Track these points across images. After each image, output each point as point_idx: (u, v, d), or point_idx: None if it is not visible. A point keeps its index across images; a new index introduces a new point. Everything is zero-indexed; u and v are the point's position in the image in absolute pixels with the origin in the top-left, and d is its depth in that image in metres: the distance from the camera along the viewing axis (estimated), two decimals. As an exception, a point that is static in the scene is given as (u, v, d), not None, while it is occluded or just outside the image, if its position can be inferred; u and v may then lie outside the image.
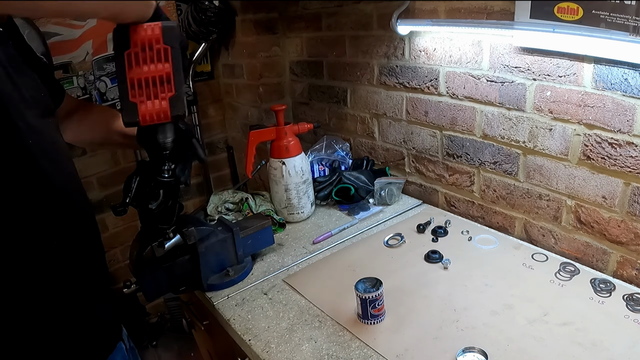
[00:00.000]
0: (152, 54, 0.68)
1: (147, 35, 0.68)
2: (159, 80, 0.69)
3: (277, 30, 1.92)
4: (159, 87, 0.69)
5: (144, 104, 0.69)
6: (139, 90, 0.69)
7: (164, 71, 0.69)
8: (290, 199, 1.41)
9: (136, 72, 0.68)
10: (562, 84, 1.05)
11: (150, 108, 0.70)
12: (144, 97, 0.69)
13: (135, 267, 1.00)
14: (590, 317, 0.91)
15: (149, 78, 0.69)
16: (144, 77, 0.69)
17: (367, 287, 0.95)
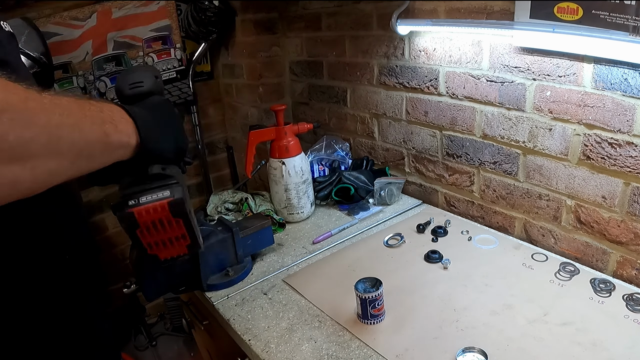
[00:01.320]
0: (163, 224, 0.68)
1: (156, 216, 0.67)
2: (174, 239, 0.71)
3: (277, 30, 1.92)
4: (175, 241, 0.71)
5: (162, 252, 0.72)
6: (156, 246, 0.70)
7: (178, 233, 0.70)
8: (290, 199, 1.41)
9: (150, 238, 0.69)
10: (562, 84, 1.05)
11: (171, 252, 0.72)
12: (160, 247, 0.71)
13: (135, 267, 1.00)
14: (590, 317, 0.91)
15: (165, 239, 0.70)
16: (160, 239, 0.70)
17: (367, 287, 0.95)
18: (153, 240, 0.69)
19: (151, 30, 1.93)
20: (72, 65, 1.79)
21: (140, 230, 0.67)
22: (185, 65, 2.06)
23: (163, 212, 0.66)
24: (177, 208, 0.67)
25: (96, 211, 2.07)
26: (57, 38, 1.70)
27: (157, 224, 0.67)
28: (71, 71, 1.80)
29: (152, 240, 0.69)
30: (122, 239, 2.16)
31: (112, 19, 1.82)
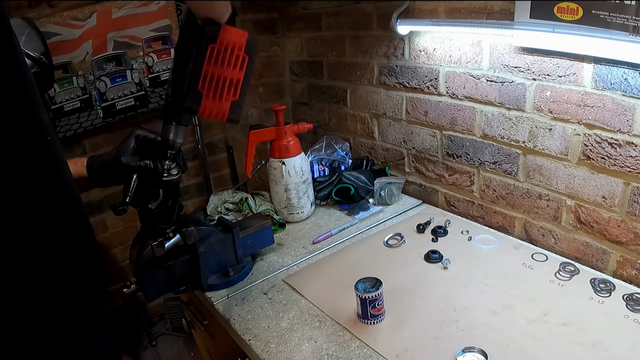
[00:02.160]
0: (231, 58, 0.73)
1: (235, 39, 0.73)
2: (228, 83, 0.74)
3: (277, 30, 1.92)
4: (227, 88, 0.74)
5: (208, 98, 0.74)
6: (209, 83, 0.73)
7: (235, 76, 0.74)
8: (290, 198, 1.41)
9: (213, 68, 0.73)
10: (562, 83, 1.05)
11: (212, 104, 0.74)
12: (211, 91, 0.74)
13: (135, 267, 1.00)
14: (590, 317, 0.91)
15: (221, 77, 0.73)
16: (217, 75, 0.73)
17: (367, 287, 0.95)
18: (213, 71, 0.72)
19: (151, 30, 1.92)
20: (72, 65, 1.79)
21: (213, 48, 0.71)
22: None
23: (241, 39, 0.73)
24: (251, 44, 0.76)
25: (96, 211, 2.07)
26: (57, 38, 1.70)
27: (228, 50, 0.73)
28: (71, 71, 1.79)
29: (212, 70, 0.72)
30: (122, 239, 2.16)
31: (112, 19, 1.82)
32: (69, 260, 0.66)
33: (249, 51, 0.75)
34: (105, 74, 1.87)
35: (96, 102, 1.87)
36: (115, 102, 1.92)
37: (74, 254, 0.67)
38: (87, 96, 1.86)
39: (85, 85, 1.84)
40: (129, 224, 2.16)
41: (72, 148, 1.85)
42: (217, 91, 0.74)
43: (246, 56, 0.75)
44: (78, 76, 1.82)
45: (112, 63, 1.87)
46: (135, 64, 1.91)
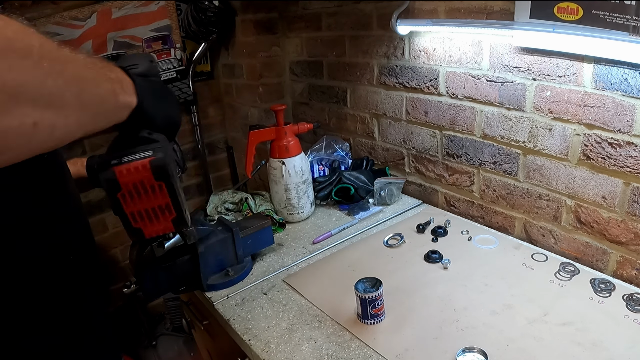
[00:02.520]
0: (145, 189, 0.67)
1: (137, 176, 0.66)
2: (158, 208, 0.70)
3: (277, 30, 1.92)
4: (159, 212, 0.70)
5: (147, 227, 0.71)
6: (139, 217, 0.70)
7: (162, 201, 0.69)
8: (290, 199, 1.41)
9: (133, 206, 0.68)
10: (562, 84, 1.05)
11: (156, 228, 0.71)
12: (145, 221, 0.70)
13: (135, 267, 1.00)
14: (590, 317, 0.91)
15: (148, 208, 0.69)
16: (143, 208, 0.69)
17: (367, 287, 0.95)
18: (136, 209, 0.68)
19: (151, 30, 1.93)
20: (72, 65, 1.79)
21: (122, 195, 0.66)
22: (185, 65, 2.06)
23: (145, 172, 0.65)
24: (159, 169, 0.66)
25: (96, 211, 2.07)
26: (57, 38, 1.70)
27: (139, 187, 0.66)
28: (71, 71, 1.80)
29: (135, 209, 0.68)
30: (122, 239, 2.16)
31: (112, 19, 1.83)
32: (67, 260, 0.66)
33: (160, 177, 0.67)
34: (105, 74, 1.87)
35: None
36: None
37: (73, 254, 0.67)
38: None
39: (85, 86, 1.84)
40: (129, 224, 2.16)
41: (72, 148, 1.85)
42: (153, 217, 0.70)
43: (161, 182, 0.67)
44: (78, 76, 1.82)
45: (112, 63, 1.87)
46: (135, 64, 1.91)
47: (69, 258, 0.66)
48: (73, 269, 0.67)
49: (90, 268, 0.73)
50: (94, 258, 0.74)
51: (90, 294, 0.72)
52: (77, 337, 0.69)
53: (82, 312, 0.70)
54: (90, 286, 0.72)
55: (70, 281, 0.67)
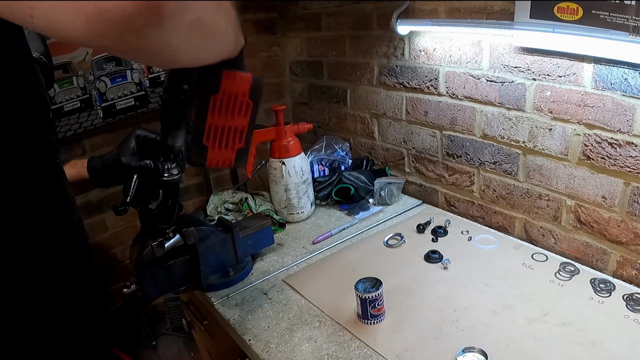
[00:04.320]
0: (235, 106, 0.69)
1: (238, 86, 0.68)
2: (233, 131, 0.71)
3: (277, 30, 1.92)
4: (232, 137, 0.71)
5: (214, 150, 0.71)
6: (214, 135, 0.70)
7: (240, 124, 0.71)
8: (290, 199, 1.41)
9: (216, 119, 0.69)
10: (562, 84, 1.05)
11: (218, 155, 0.72)
12: (216, 142, 0.71)
13: (135, 267, 1.00)
14: (590, 317, 0.91)
15: (226, 128, 0.71)
16: (222, 125, 0.70)
17: (367, 287, 0.95)
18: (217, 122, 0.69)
19: (151, 30, 1.93)
20: (72, 65, 1.79)
21: (215, 99, 0.68)
22: (185, 65, 2.05)
23: (245, 84, 0.68)
24: (256, 88, 0.70)
25: (96, 211, 2.07)
26: (57, 38, 1.70)
27: (232, 99, 0.69)
28: (71, 71, 1.79)
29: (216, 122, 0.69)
30: (122, 239, 2.16)
31: (112, 19, 1.82)
32: (62, 260, 0.66)
33: (253, 96, 0.70)
34: (105, 74, 1.87)
35: (96, 102, 1.87)
36: (115, 102, 1.92)
37: (68, 255, 0.67)
38: (87, 96, 1.86)
39: (85, 85, 1.84)
40: (129, 224, 2.16)
41: (72, 148, 1.85)
42: (223, 142, 0.71)
43: (250, 102, 0.70)
44: (78, 76, 1.82)
45: (112, 63, 1.87)
46: (136, 64, 1.91)
47: (60, 257, 0.66)
48: (65, 269, 0.67)
49: (87, 272, 0.73)
50: (88, 259, 0.74)
51: (84, 293, 0.72)
52: (73, 336, 0.69)
53: (77, 314, 0.70)
54: (84, 286, 0.72)
55: (62, 280, 0.67)
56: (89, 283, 0.74)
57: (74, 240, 0.70)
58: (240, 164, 0.74)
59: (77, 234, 0.72)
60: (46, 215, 0.63)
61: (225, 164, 0.73)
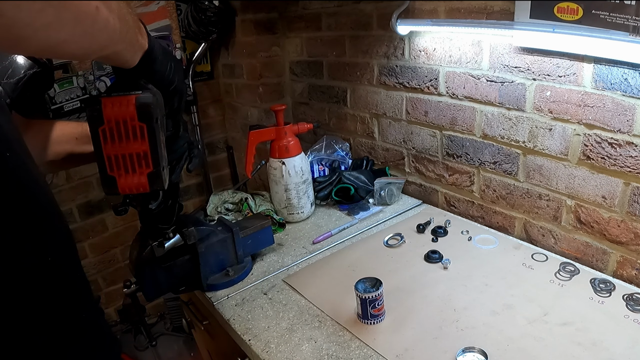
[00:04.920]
0: (127, 130, 0.66)
1: (121, 112, 0.65)
2: (135, 157, 0.68)
3: (277, 30, 1.92)
4: (136, 162, 0.68)
5: (122, 177, 0.69)
6: (116, 163, 0.68)
7: (140, 149, 0.67)
8: (290, 199, 1.41)
9: (112, 148, 0.67)
10: (562, 84, 1.05)
11: (129, 182, 0.69)
12: (121, 170, 0.68)
13: (135, 267, 1.00)
14: (590, 317, 0.91)
15: (126, 154, 0.67)
16: (121, 153, 0.67)
17: (367, 287, 0.95)
18: (114, 152, 0.66)
19: (151, 30, 1.91)
20: (72, 65, 1.79)
21: (104, 130, 0.65)
22: (185, 65, 2.06)
23: (129, 108, 0.65)
24: (143, 107, 0.65)
25: (96, 211, 2.07)
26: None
27: (121, 126, 0.65)
28: (71, 71, 1.80)
29: (112, 151, 0.66)
30: (122, 239, 2.16)
31: (112, 19, 1.82)
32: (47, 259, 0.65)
33: (142, 118, 0.65)
34: (105, 74, 1.87)
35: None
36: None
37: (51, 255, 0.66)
38: (87, 96, 1.86)
39: (85, 85, 1.84)
40: (129, 224, 2.17)
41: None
42: (129, 168, 0.68)
43: (143, 124, 0.65)
44: (78, 76, 1.82)
45: (112, 63, 1.87)
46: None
47: (47, 259, 0.65)
48: (52, 271, 0.66)
49: (70, 268, 0.72)
50: (72, 256, 0.73)
51: (71, 294, 0.71)
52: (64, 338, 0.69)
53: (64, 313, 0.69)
54: (71, 287, 0.71)
55: (52, 285, 0.66)
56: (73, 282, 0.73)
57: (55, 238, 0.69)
58: (156, 186, 0.71)
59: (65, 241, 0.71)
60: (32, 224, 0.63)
61: (140, 190, 0.70)
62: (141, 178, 0.69)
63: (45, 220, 0.67)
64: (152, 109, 0.66)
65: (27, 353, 0.63)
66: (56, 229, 0.70)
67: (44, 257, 0.65)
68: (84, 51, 0.55)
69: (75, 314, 0.71)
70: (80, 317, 0.71)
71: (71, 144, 0.93)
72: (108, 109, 0.64)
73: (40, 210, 0.66)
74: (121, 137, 0.66)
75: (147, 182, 0.70)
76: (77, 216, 2.02)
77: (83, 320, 0.72)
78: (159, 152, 0.69)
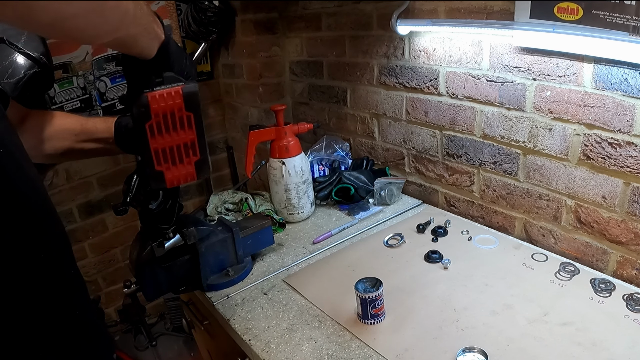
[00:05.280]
0: (174, 122, 0.66)
1: (169, 104, 0.65)
2: (183, 147, 0.68)
3: (277, 30, 1.92)
4: (184, 152, 0.69)
5: (170, 170, 0.69)
6: (163, 157, 0.68)
7: (187, 138, 0.68)
8: (290, 199, 1.41)
9: (159, 142, 0.67)
10: (562, 83, 1.05)
11: (177, 173, 0.70)
12: (169, 163, 0.68)
13: (135, 267, 1.00)
14: (590, 317, 0.91)
15: (174, 146, 0.68)
16: (168, 146, 0.67)
17: (367, 287, 0.95)
18: (162, 145, 0.66)
19: (151, 30, 1.92)
20: (72, 65, 1.79)
21: (151, 125, 0.65)
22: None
23: (177, 99, 0.65)
24: (191, 96, 0.66)
25: (96, 211, 2.07)
26: (57, 38, 1.70)
27: (168, 118, 0.65)
28: (71, 71, 1.80)
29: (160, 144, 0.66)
30: (122, 239, 2.16)
31: (112, 18, 1.82)
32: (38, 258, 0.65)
33: (190, 107, 0.66)
34: (105, 74, 1.87)
35: (96, 102, 1.88)
36: (115, 102, 1.92)
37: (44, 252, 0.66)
38: (87, 96, 1.86)
39: (85, 85, 1.84)
40: (129, 224, 2.17)
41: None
42: (176, 160, 0.69)
43: (190, 114, 0.66)
44: (78, 76, 1.82)
45: (112, 63, 1.87)
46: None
47: (39, 257, 0.65)
48: (45, 268, 0.66)
49: (64, 266, 0.71)
50: (68, 256, 0.73)
51: (64, 293, 0.71)
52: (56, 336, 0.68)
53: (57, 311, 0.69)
54: (64, 286, 0.71)
55: (46, 282, 0.66)
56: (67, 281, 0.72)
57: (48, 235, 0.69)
58: (203, 174, 0.72)
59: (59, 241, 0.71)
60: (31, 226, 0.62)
61: (188, 180, 0.71)
62: (189, 168, 0.70)
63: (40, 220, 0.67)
64: (198, 96, 0.67)
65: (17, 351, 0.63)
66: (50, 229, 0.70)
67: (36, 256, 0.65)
68: (96, 30, 0.55)
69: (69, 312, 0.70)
70: (74, 315, 0.71)
71: (70, 140, 0.93)
72: (156, 102, 0.64)
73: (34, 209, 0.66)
74: (169, 129, 0.66)
75: (195, 171, 0.71)
76: (77, 216, 2.02)
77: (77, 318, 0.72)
78: (204, 138, 0.69)
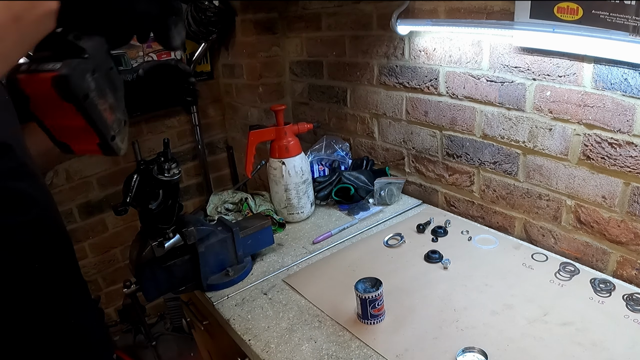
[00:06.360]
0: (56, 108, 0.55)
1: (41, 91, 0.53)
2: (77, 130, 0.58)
3: (277, 30, 1.92)
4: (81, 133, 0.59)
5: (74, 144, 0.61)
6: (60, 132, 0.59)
7: (77, 124, 0.57)
8: (290, 199, 1.41)
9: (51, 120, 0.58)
10: (562, 84, 1.05)
11: (83, 147, 0.62)
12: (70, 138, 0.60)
13: (135, 267, 1.00)
14: (590, 317, 0.91)
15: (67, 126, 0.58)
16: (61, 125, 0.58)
17: (367, 287, 0.95)
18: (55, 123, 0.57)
19: (151, 30, 1.92)
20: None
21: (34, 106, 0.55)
22: (185, 66, 2.05)
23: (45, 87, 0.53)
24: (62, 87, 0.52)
25: (96, 211, 2.07)
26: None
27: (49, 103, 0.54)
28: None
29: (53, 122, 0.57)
30: (122, 239, 2.16)
31: (112, 19, 1.82)
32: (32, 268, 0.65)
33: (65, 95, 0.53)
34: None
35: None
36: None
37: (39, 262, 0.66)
38: None
39: None
40: (129, 224, 2.17)
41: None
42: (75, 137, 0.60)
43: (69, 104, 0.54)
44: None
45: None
46: (135, 64, 1.91)
47: (34, 266, 0.64)
48: (40, 278, 0.65)
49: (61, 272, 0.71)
50: (65, 262, 0.72)
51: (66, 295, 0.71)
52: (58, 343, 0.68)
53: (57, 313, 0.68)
54: (63, 292, 0.70)
55: (40, 291, 0.65)
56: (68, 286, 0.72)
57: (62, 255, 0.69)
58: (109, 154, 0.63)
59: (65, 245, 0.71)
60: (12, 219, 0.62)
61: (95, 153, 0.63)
62: (92, 146, 0.61)
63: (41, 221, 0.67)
64: (71, 87, 0.53)
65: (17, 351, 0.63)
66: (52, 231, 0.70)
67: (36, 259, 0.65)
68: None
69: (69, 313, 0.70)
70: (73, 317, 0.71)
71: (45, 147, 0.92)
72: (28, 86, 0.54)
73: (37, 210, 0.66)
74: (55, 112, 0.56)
75: (100, 150, 0.62)
76: (77, 216, 2.02)
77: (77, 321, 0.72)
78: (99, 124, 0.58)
